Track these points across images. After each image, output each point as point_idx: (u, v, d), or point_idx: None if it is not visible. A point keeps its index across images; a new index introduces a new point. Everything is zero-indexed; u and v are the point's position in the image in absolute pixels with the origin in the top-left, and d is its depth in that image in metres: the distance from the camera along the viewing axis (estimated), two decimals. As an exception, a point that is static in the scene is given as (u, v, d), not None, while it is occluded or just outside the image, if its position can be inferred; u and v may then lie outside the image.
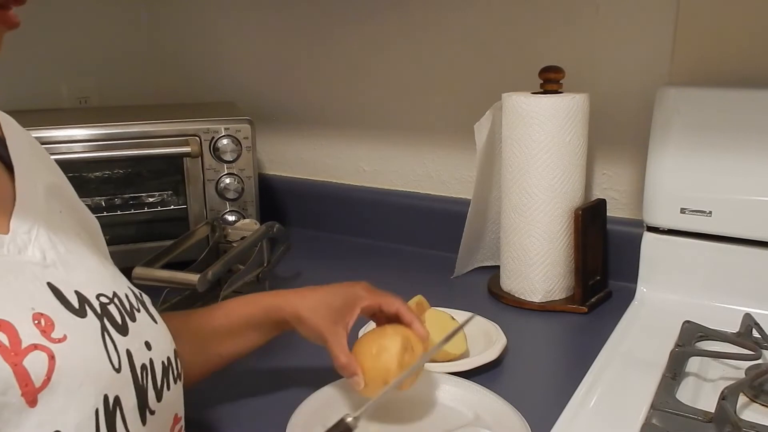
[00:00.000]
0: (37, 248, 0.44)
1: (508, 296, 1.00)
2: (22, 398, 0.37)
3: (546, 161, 0.93)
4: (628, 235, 1.01)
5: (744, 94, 0.88)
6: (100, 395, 0.41)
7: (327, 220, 1.34)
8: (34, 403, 0.37)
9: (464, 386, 0.72)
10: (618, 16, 1.00)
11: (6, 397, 0.36)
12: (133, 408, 0.44)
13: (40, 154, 0.55)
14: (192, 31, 1.45)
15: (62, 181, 0.56)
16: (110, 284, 0.49)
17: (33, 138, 0.55)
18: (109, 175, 1.15)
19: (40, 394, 0.38)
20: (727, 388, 0.66)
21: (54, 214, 0.49)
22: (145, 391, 0.46)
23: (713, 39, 0.93)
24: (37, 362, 0.38)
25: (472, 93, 1.14)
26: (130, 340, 0.46)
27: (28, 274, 0.42)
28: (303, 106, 1.35)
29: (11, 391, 0.36)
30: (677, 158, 0.92)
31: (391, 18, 1.20)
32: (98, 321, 0.45)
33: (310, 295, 0.69)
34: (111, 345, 0.44)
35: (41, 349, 0.39)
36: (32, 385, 0.37)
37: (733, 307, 0.89)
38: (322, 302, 0.68)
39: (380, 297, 0.70)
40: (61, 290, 0.43)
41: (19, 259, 0.42)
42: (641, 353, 0.82)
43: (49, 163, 0.55)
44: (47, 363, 0.39)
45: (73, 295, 0.44)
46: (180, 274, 0.87)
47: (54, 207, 0.50)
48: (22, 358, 0.38)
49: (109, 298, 0.47)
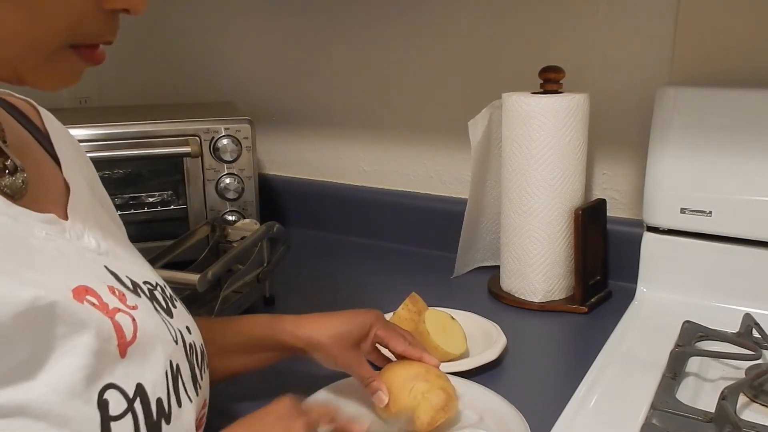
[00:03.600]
0: (92, 237, 0.48)
1: (508, 296, 1.00)
2: (117, 349, 0.42)
3: (546, 161, 0.93)
4: (628, 235, 1.01)
5: (744, 94, 0.88)
6: (167, 360, 0.46)
7: (327, 220, 1.34)
8: (124, 354, 0.42)
9: (464, 386, 0.72)
10: (618, 16, 1.00)
11: (107, 344, 0.41)
12: (189, 378, 0.49)
13: (78, 150, 0.59)
14: (192, 31, 1.45)
15: (96, 176, 0.60)
16: (150, 274, 0.53)
17: (70, 133, 0.58)
18: (109, 175, 1.15)
19: (130, 347, 0.42)
20: (727, 388, 0.66)
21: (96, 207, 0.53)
22: (194, 366, 0.51)
23: (713, 39, 0.93)
24: (125, 321, 0.43)
25: (473, 93, 1.14)
26: (176, 322, 0.51)
27: (89, 258, 0.46)
28: (303, 106, 1.35)
29: (112, 340, 0.41)
30: (677, 158, 0.92)
31: (391, 19, 1.20)
32: (149, 302, 0.49)
33: (326, 323, 0.69)
34: (167, 321, 0.49)
35: (124, 313, 0.44)
36: (125, 338, 0.42)
37: (733, 307, 0.89)
38: (339, 331, 0.69)
39: (388, 332, 0.71)
40: (118, 274, 0.47)
41: (78, 244, 0.46)
42: (641, 353, 0.82)
43: (85, 158, 0.59)
44: (132, 323, 0.44)
45: (127, 279, 0.48)
46: (180, 274, 0.87)
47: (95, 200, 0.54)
48: (114, 315, 0.42)
49: (153, 286, 0.51)
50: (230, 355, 0.70)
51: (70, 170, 0.52)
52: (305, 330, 0.69)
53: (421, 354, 0.70)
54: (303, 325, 0.69)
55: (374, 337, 0.70)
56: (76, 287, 0.41)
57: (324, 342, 0.68)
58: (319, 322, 0.69)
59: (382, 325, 0.71)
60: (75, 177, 0.52)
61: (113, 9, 0.43)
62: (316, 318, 0.70)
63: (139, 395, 0.42)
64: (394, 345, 0.70)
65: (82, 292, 0.41)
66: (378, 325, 0.70)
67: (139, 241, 1.11)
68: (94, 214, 0.51)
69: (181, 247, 0.97)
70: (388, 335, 0.70)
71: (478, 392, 0.71)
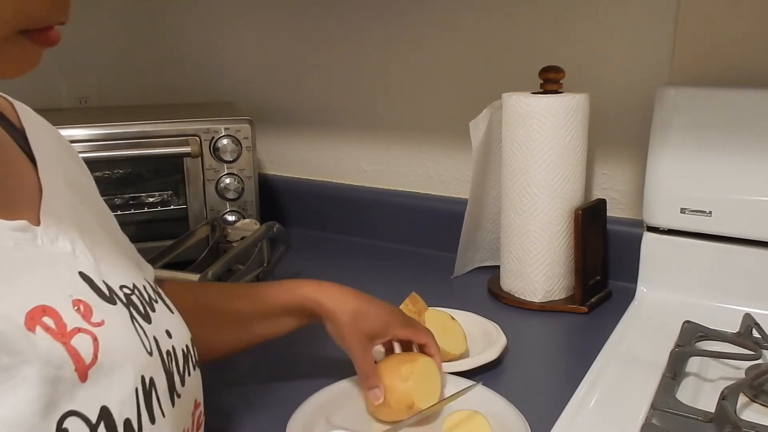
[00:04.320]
0: (66, 239, 0.45)
1: (508, 296, 1.00)
2: (75, 373, 0.39)
3: (546, 161, 0.93)
4: (628, 235, 1.01)
5: (744, 94, 0.88)
6: (138, 376, 0.44)
7: (327, 220, 1.34)
8: (85, 378, 0.39)
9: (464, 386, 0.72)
10: (618, 16, 1.00)
11: (61, 371, 0.38)
12: (164, 390, 0.46)
13: (61, 143, 0.55)
14: (192, 31, 1.45)
15: (82, 170, 0.57)
16: (129, 276, 0.51)
17: (51, 126, 0.56)
18: (109, 175, 1.15)
19: (90, 370, 0.40)
20: (727, 388, 0.66)
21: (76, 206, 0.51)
22: (173, 375, 0.48)
23: (713, 39, 0.93)
24: (83, 343, 0.40)
25: (473, 93, 1.14)
26: (153, 328, 0.48)
27: (62, 264, 0.44)
28: (303, 106, 1.35)
29: (66, 366, 0.39)
30: (677, 158, 0.92)
31: (391, 18, 1.20)
32: (126, 309, 0.47)
33: (350, 301, 0.69)
34: (141, 331, 0.47)
35: (84, 332, 0.41)
36: (83, 361, 0.40)
37: (733, 307, 0.89)
38: (361, 317, 0.69)
39: (410, 330, 0.72)
40: (93, 279, 0.45)
41: (51, 250, 0.44)
42: (641, 353, 0.82)
43: (69, 152, 0.56)
44: (92, 344, 0.41)
45: (102, 284, 0.46)
46: (180, 274, 0.87)
47: (75, 198, 0.51)
48: (69, 339, 0.40)
49: (131, 290, 0.49)
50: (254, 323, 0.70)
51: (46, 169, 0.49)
52: (328, 300, 0.68)
53: (437, 353, 0.72)
54: (327, 293, 0.69)
55: (393, 338, 0.71)
56: (32, 310, 0.39)
57: (341, 319, 0.68)
58: (344, 296, 0.69)
59: (403, 324, 0.71)
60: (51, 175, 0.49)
61: None
62: (341, 290, 0.70)
63: (104, 419, 0.40)
64: (418, 339, 0.72)
65: (37, 315, 0.39)
66: (398, 326, 0.71)
67: (139, 241, 1.11)
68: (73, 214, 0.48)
69: (181, 247, 0.97)
70: (409, 333, 0.72)
71: (478, 392, 0.71)
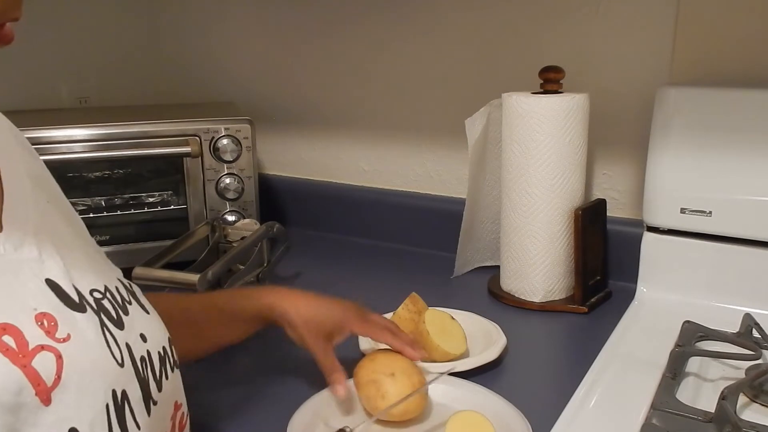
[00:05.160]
0: (33, 244, 0.43)
1: (508, 296, 1.00)
2: (37, 397, 0.37)
3: (546, 161, 0.93)
4: (628, 235, 1.01)
5: (744, 94, 0.88)
6: (108, 390, 0.42)
7: (327, 220, 1.34)
8: (48, 401, 0.38)
9: (465, 386, 0.72)
10: (618, 16, 1.00)
11: (21, 397, 0.36)
12: (138, 400, 0.45)
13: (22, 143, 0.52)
14: (192, 31, 1.45)
15: (43, 170, 0.54)
16: (101, 278, 0.48)
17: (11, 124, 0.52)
18: (109, 175, 1.15)
19: (53, 392, 0.38)
20: (727, 388, 0.66)
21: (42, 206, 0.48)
22: (147, 382, 0.46)
23: (713, 39, 0.93)
24: (45, 362, 0.38)
25: (473, 93, 1.14)
26: (126, 334, 0.46)
27: (27, 272, 0.41)
28: (303, 106, 1.35)
29: (25, 392, 0.37)
30: (677, 158, 0.92)
31: (391, 18, 1.20)
32: (96, 317, 0.44)
33: (303, 303, 0.71)
34: (112, 340, 0.44)
35: (48, 350, 0.39)
36: (44, 384, 0.38)
37: (733, 307, 0.89)
38: (314, 318, 0.70)
39: (369, 328, 0.72)
40: (61, 286, 0.43)
41: (16, 257, 0.41)
42: (641, 353, 0.82)
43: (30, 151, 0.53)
44: (55, 362, 0.39)
45: (72, 290, 0.44)
46: (180, 274, 0.87)
47: (40, 199, 0.48)
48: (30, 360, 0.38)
49: (102, 293, 0.47)
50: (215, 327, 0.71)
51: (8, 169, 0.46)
52: (282, 304, 0.70)
53: (403, 346, 0.71)
54: (281, 298, 0.71)
55: (351, 333, 0.72)
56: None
57: (295, 321, 0.69)
58: (297, 300, 0.71)
59: (359, 320, 0.71)
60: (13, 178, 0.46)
61: None
62: (296, 295, 0.71)
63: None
64: (377, 338, 0.72)
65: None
66: (354, 322, 0.71)
67: (139, 241, 1.13)
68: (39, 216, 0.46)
69: (181, 247, 0.97)
70: (366, 330, 0.71)
71: (479, 392, 0.71)
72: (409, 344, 0.72)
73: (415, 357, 0.71)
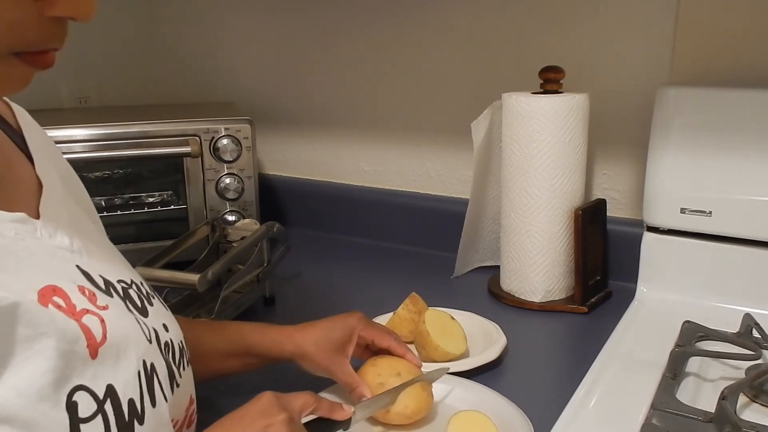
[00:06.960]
0: (65, 234, 0.47)
1: (508, 296, 1.00)
2: (87, 349, 0.41)
3: (546, 161, 0.93)
4: (628, 235, 1.01)
5: (744, 94, 0.88)
6: (140, 359, 0.45)
7: (327, 220, 1.34)
8: (95, 355, 0.41)
9: (465, 386, 0.72)
10: (618, 16, 1.00)
11: (75, 346, 0.40)
12: (165, 377, 0.48)
13: (51, 146, 0.57)
14: (192, 31, 1.45)
15: (70, 172, 0.58)
16: (126, 272, 0.52)
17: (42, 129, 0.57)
18: (109, 175, 1.15)
19: (101, 348, 0.42)
20: (727, 388, 0.66)
21: (71, 204, 0.52)
22: (171, 364, 0.50)
23: (713, 39, 0.93)
24: (92, 323, 0.42)
25: (473, 93, 1.14)
26: (151, 320, 0.50)
27: (60, 257, 0.45)
28: (303, 106, 1.35)
29: (80, 342, 0.41)
30: (677, 158, 0.92)
31: (391, 18, 1.20)
32: (122, 302, 0.48)
33: (310, 331, 0.71)
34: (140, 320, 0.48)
35: (92, 314, 0.43)
36: (94, 339, 0.42)
37: (733, 307, 0.89)
38: (323, 336, 0.70)
39: (373, 330, 0.72)
40: (90, 273, 0.46)
41: (50, 243, 0.45)
42: (641, 353, 0.82)
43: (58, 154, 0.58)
44: (100, 324, 0.43)
45: (99, 279, 0.47)
46: (180, 274, 0.87)
47: (70, 197, 0.53)
48: (80, 317, 0.42)
49: (128, 284, 0.51)
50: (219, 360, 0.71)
51: (43, 167, 0.51)
52: (292, 341, 0.70)
53: (405, 351, 0.72)
54: (290, 336, 0.71)
55: (359, 339, 0.71)
56: (43, 288, 0.40)
57: (309, 351, 0.70)
58: (304, 331, 0.71)
59: (365, 326, 0.72)
60: (48, 174, 0.51)
61: (57, 16, 0.40)
62: (301, 328, 0.72)
63: (110, 396, 0.41)
64: (380, 341, 0.72)
65: (48, 294, 0.40)
66: (360, 327, 0.71)
67: (139, 241, 1.13)
68: (69, 211, 0.50)
69: (181, 247, 0.97)
70: (371, 334, 0.72)
71: (479, 392, 0.71)
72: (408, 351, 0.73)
73: (417, 363, 0.72)
